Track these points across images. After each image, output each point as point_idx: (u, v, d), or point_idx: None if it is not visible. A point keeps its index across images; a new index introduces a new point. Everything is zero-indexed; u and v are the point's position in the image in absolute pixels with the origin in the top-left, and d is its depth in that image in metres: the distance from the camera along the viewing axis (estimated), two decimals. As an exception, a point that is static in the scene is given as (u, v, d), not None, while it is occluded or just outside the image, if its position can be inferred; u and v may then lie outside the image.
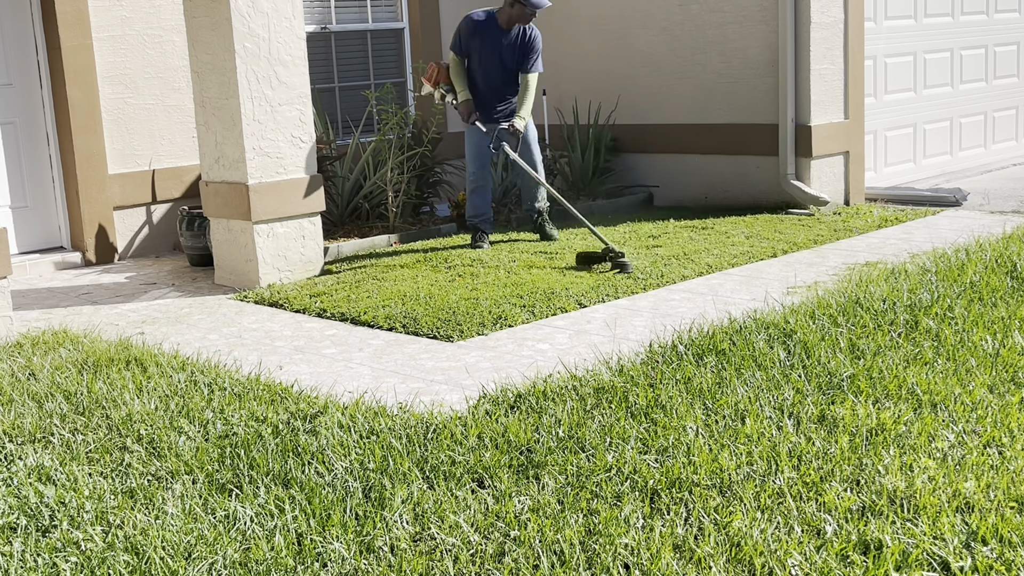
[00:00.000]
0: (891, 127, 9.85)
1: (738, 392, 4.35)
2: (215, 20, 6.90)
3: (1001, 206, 8.68)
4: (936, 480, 3.52)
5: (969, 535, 3.18)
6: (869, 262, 6.89)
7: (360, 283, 6.86)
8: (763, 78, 8.89)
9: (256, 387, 4.80)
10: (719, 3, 9.04)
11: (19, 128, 8.15)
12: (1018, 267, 6.04)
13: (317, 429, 4.21)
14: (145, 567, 3.22)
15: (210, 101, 7.10)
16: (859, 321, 5.21)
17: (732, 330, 5.18)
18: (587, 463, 3.79)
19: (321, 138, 8.70)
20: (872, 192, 9.33)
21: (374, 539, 3.33)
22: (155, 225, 8.57)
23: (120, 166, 8.34)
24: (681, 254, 7.29)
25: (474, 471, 3.78)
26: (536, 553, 3.21)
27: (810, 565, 3.08)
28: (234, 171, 7.04)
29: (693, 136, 9.38)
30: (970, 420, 4.00)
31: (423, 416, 4.32)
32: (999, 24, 10.79)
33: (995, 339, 4.85)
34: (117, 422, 4.41)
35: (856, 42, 8.99)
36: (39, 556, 3.31)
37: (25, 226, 8.25)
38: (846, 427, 3.97)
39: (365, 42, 9.92)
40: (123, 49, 8.27)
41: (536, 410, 4.32)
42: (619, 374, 4.67)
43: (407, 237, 8.22)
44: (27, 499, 3.69)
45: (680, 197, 9.56)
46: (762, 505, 3.43)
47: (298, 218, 7.16)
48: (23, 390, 4.86)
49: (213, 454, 4.03)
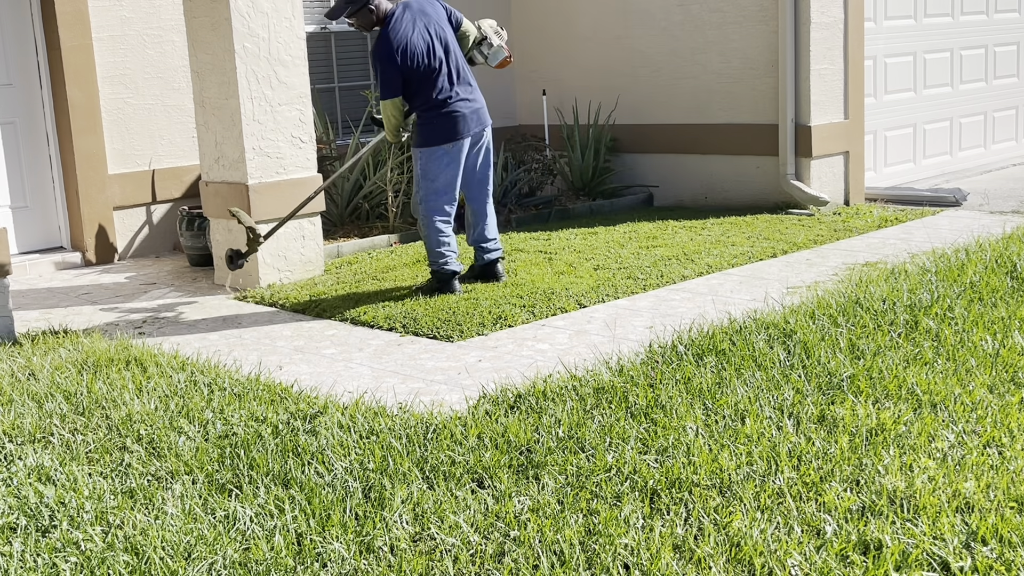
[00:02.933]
0: (891, 127, 9.85)
1: (738, 392, 4.35)
2: (215, 20, 6.90)
3: (1001, 206, 8.68)
4: (936, 480, 3.51)
5: (969, 535, 3.18)
6: (869, 262, 6.89)
7: (360, 283, 6.86)
8: (763, 78, 8.89)
9: (256, 387, 4.80)
10: (719, 3, 9.04)
11: (19, 128, 8.15)
12: (1018, 267, 6.04)
13: (317, 429, 4.21)
14: (145, 567, 3.22)
15: (210, 101, 7.10)
16: (859, 321, 5.21)
17: (732, 330, 5.18)
18: (587, 463, 3.79)
19: (321, 138, 8.70)
20: (872, 192, 9.33)
21: (374, 539, 3.33)
22: (155, 225, 8.57)
23: (120, 166, 8.34)
24: (681, 254, 7.29)
25: (474, 471, 3.78)
26: (536, 553, 3.21)
27: (810, 565, 3.08)
28: (234, 171, 7.04)
29: (693, 136, 9.38)
30: (970, 420, 4.00)
31: (423, 416, 4.32)
32: (999, 24, 10.79)
33: (995, 339, 4.85)
34: (117, 422, 4.41)
35: (856, 42, 8.99)
36: (39, 556, 3.31)
37: (25, 226, 8.24)
38: (846, 427, 3.97)
39: (365, 42, 9.92)
40: (123, 49, 8.27)
41: (536, 410, 4.32)
42: (619, 374, 4.67)
43: (407, 237, 8.22)
44: (27, 499, 3.69)
45: (680, 197, 9.56)
46: (762, 505, 3.43)
47: (298, 218, 7.15)
48: (23, 390, 4.86)
49: (213, 454, 4.03)
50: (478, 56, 6.59)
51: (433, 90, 6.25)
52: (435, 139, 6.30)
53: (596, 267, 7.02)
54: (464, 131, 6.33)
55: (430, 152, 6.32)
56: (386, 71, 6.17)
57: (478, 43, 6.57)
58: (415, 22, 6.26)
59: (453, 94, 6.30)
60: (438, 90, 6.26)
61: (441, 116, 6.28)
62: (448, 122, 6.29)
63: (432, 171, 6.33)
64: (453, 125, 6.29)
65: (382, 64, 6.18)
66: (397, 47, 6.15)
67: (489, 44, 6.55)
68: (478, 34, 6.57)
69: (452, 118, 6.29)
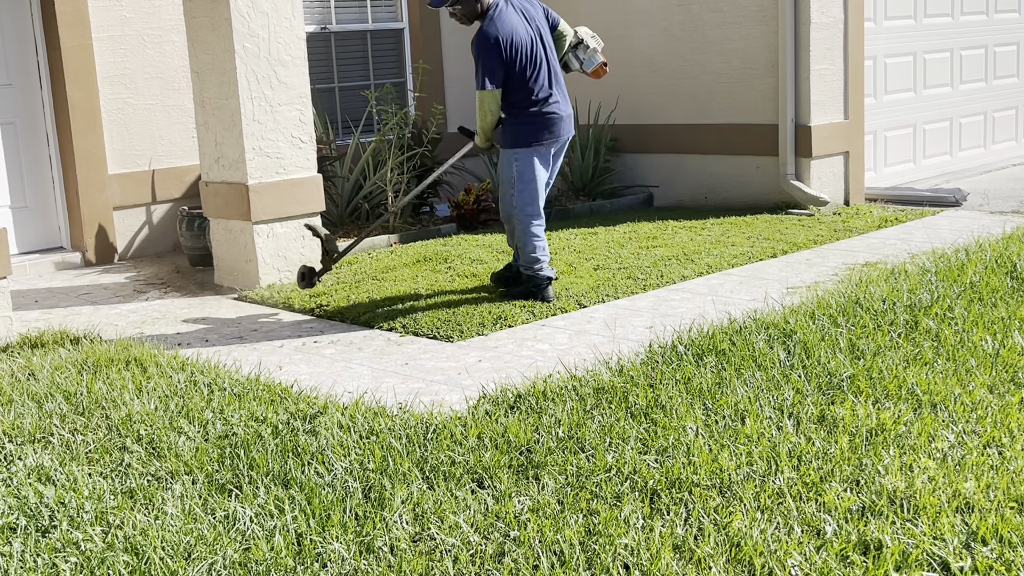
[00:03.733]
0: (891, 127, 9.85)
1: (738, 392, 4.35)
2: (215, 20, 6.90)
3: (1001, 206, 8.68)
4: (936, 480, 3.51)
5: (969, 535, 3.18)
6: (869, 262, 6.89)
7: (360, 283, 6.86)
8: (763, 78, 8.89)
9: (256, 387, 4.80)
10: (719, 3, 9.04)
11: (19, 128, 8.15)
12: (1018, 267, 6.04)
13: (317, 429, 4.21)
14: (145, 567, 3.22)
15: (210, 101, 7.10)
16: (859, 321, 5.21)
17: (732, 330, 5.18)
18: (587, 463, 3.79)
19: (321, 138, 8.70)
20: (872, 192, 9.33)
21: (374, 539, 3.33)
22: (155, 225, 8.57)
23: (120, 166, 8.34)
24: (681, 254, 7.29)
25: (474, 471, 3.78)
26: (536, 553, 3.21)
27: (810, 565, 3.08)
28: (234, 171, 7.04)
29: (693, 136, 9.38)
30: (970, 420, 4.00)
31: (423, 416, 4.32)
32: (999, 24, 10.78)
33: (995, 339, 4.85)
34: (117, 422, 4.41)
35: (856, 42, 8.99)
36: (39, 556, 3.31)
37: (25, 226, 8.24)
38: (846, 427, 3.97)
39: (365, 42, 9.93)
40: (123, 49, 8.27)
41: (536, 410, 4.32)
42: (619, 374, 4.67)
43: (407, 237, 8.22)
44: (27, 499, 3.69)
45: (680, 197, 9.56)
46: (762, 505, 3.43)
47: (298, 218, 7.16)
48: (23, 390, 4.86)
49: (213, 454, 4.03)
50: (573, 61, 6.41)
51: (534, 88, 6.05)
52: (533, 139, 6.09)
53: (596, 267, 7.02)
54: (559, 133, 6.15)
55: (526, 153, 6.10)
56: (489, 61, 5.93)
57: (573, 47, 6.40)
58: (519, 16, 6.09)
59: (552, 94, 6.12)
60: (539, 89, 6.06)
61: (540, 116, 6.08)
62: (547, 122, 6.09)
63: (528, 172, 6.11)
64: (551, 126, 6.10)
65: (486, 53, 5.94)
66: (504, 38, 5.94)
67: (585, 47, 6.37)
68: (574, 37, 6.40)
69: (551, 119, 6.10)
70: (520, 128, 6.10)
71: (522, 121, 6.09)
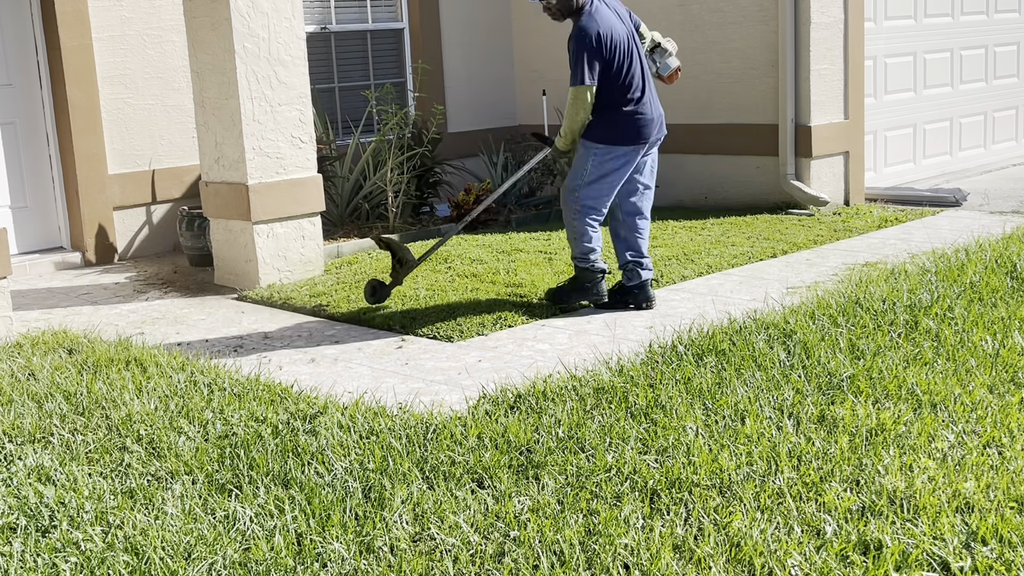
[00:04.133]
0: (891, 127, 9.85)
1: (738, 392, 4.35)
2: (215, 20, 6.90)
3: (1001, 206, 8.68)
4: (936, 480, 3.51)
5: (969, 535, 3.18)
6: (869, 262, 6.89)
7: (360, 283, 6.86)
8: (763, 78, 8.89)
9: (256, 387, 4.80)
10: (719, 3, 9.04)
11: (19, 128, 8.15)
12: (1018, 267, 6.04)
13: (317, 429, 4.21)
14: (145, 567, 3.22)
15: (210, 101, 7.10)
16: (859, 321, 5.21)
17: (732, 330, 5.18)
18: (587, 463, 3.79)
19: (321, 138, 8.70)
20: (872, 192, 9.33)
21: (374, 539, 3.33)
22: (155, 225, 8.57)
23: (120, 166, 8.34)
24: (681, 254, 7.29)
25: (474, 471, 3.78)
26: (536, 553, 3.21)
27: (810, 565, 3.08)
28: (234, 171, 7.04)
29: (693, 136, 9.38)
30: (970, 420, 4.00)
31: (423, 416, 4.32)
32: (999, 24, 10.78)
33: (995, 339, 4.85)
34: (117, 422, 4.41)
35: (856, 42, 8.99)
36: (39, 556, 3.31)
37: (25, 226, 8.24)
38: (846, 427, 3.97)
39: (365, 42, 9.93)
40: (123, 49, 8.27)
41: (536, 410, 4.32)
42: (619, 374, 4.67)
43: (407, 237, 8.22)
44: (27, 499, 3.69)
45: (680, 197, 9.56)
46: (762, 505, 3.43)
47: (298, 218, 7.16)
48: (23, 390, 4.86)
49: (213, 454, 4.03)
50: (650, 65, 6.28)
51: (629, 87, 5.90)
52: (620, 139, 5.93)
53: (596, 267, 7.01)
54: (648, 136, 5.99)
55: (608, 150, 5.94)
56: (589, 57, 5.78)
57: (651, 50, 6.29)
58: (614, 14, 5.99)
59: (645, 94, 5.97)
60: (633, 88, 5.91)
61: (631, 117, 5.93)
62: (637, 124, 5.94)
63: (604, 169, 5.95)
64: (641, 128, 5.94)
65: (586, 49, 5.79)
66: (604, 33, 5.81)
67: (663, 51, 6.26)
68: (651, 41, 6.30)
69: (642, 121, 5.95)
70: (609, 127, 5.95)
71: (613, 120, 5.94)
